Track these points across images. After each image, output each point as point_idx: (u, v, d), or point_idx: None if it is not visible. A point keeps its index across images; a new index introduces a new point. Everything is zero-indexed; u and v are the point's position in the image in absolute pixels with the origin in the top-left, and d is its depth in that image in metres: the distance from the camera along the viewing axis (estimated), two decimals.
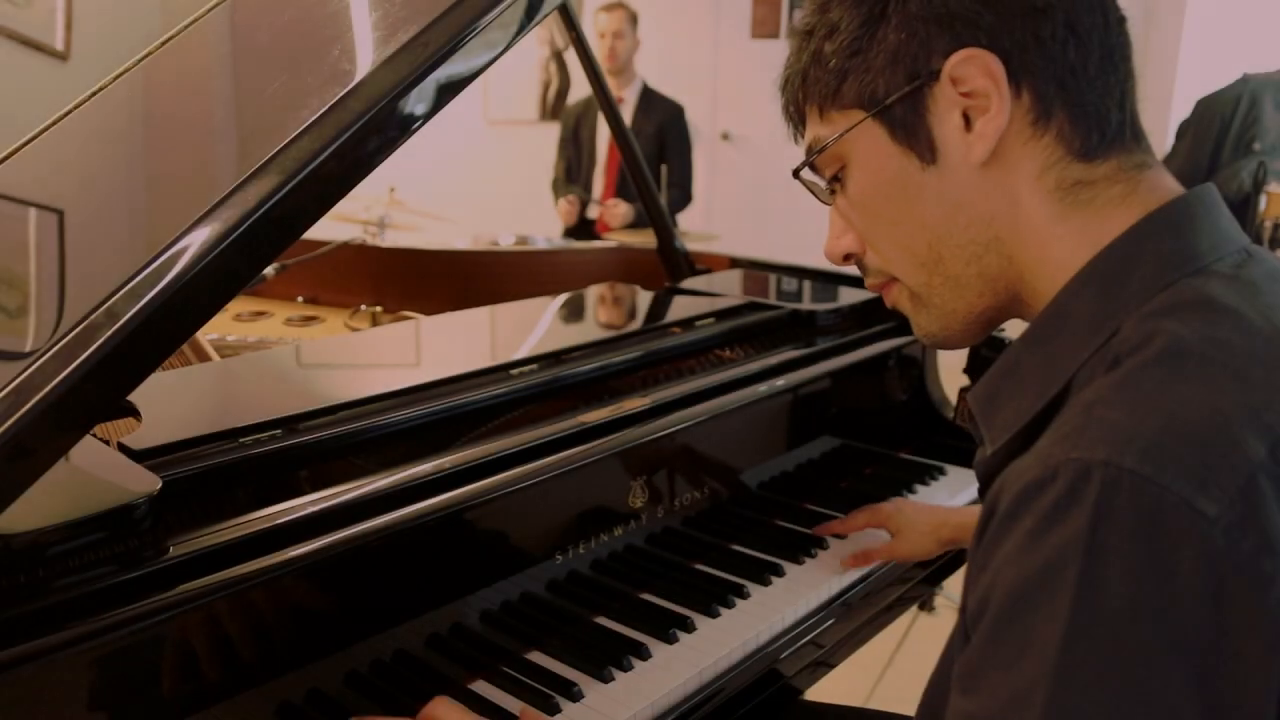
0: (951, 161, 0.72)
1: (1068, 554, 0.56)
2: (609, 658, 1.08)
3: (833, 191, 0.80)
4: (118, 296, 0.70)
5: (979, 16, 0.69)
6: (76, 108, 1.00)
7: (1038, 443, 0.63)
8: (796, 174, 0.82)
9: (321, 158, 0.76)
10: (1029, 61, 0.68)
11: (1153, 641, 0.54)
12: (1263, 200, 4.16)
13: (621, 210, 3.83)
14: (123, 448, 0.94)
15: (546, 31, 5.50)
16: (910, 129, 0.72)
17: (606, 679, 1.05)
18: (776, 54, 0.83)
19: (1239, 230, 0.70)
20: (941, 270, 0.75)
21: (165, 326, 0.72)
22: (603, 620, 1.17)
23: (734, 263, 2.00)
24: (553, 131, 4.31)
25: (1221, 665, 0.54)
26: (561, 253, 2.35)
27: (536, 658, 1.09)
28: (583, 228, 3.98)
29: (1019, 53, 0.68)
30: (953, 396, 1.68)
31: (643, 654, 1.10)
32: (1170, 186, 0.71)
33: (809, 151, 0.79)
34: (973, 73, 0.69)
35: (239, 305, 2.05)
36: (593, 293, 1.77)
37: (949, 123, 0.71)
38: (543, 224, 4.12)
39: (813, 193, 0.83)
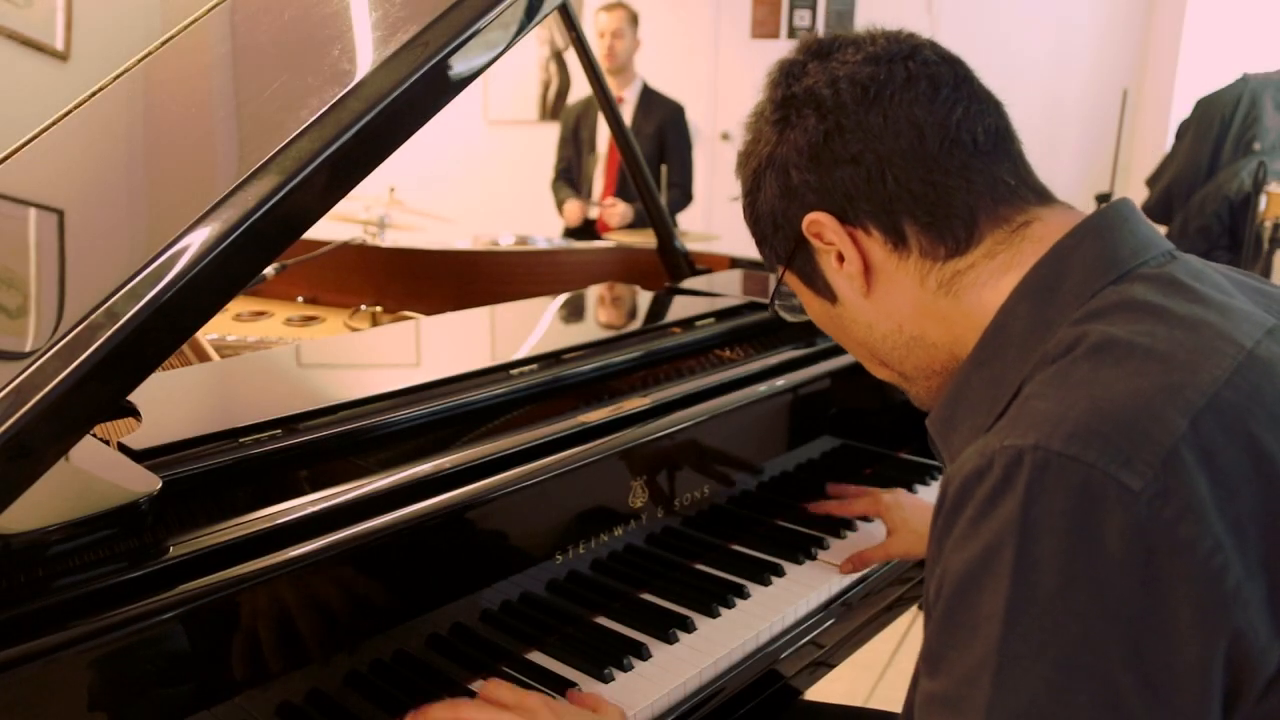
0: (847, 297, 0.83)
1: (1004, 536, 0.60)
2: (609, 658, 1.08)
3: None
4: (118, 296, 0.70)
5: (808, 183, 0.79)
6: (76, 108, 1.00)
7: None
8: (772, 309, 0.96)
9: (321, 158, 0.76)
10: (859, 205, 0.77)
11: (1086, 614, 0.57)
12: (1263, 200, 4.16)
13: (620, 210, 3.82)
14: (123, 448, 0.94)
15: (546, 31, 5.50)
16: (811, 278, 0.85)
17: (606, 679, 1.05)
18: (776, 54, 0.85)
19: (1160, 236, 0.75)
20: (891, 368, 0.86)
21: (165, 326, 0.72)
22: (603, 620, 1.17)
23: (734, 263, 2.00)
24: (553, 131, 4.31)
25: (1155, 634, 0.57)
26: (561, 253, 2.35)
27: (536, 658, 1.09)
28: (583, 228, 3.98)
29: (848, 202, 0.77)
30: None
31: (643, 654, 1.10)
32: (1062, 222, 0.75)
33: (775, 291, 0.93)
34: (819, 229, 0.79)
35: (239, 305, 2.05)
36: (593, 293, 1.77)
37: (830, 268, 0.82)
38: (543, 224, 4.11)
39: (795, 314, 0.95)
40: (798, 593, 1.24)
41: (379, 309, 2.01)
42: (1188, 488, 0.57)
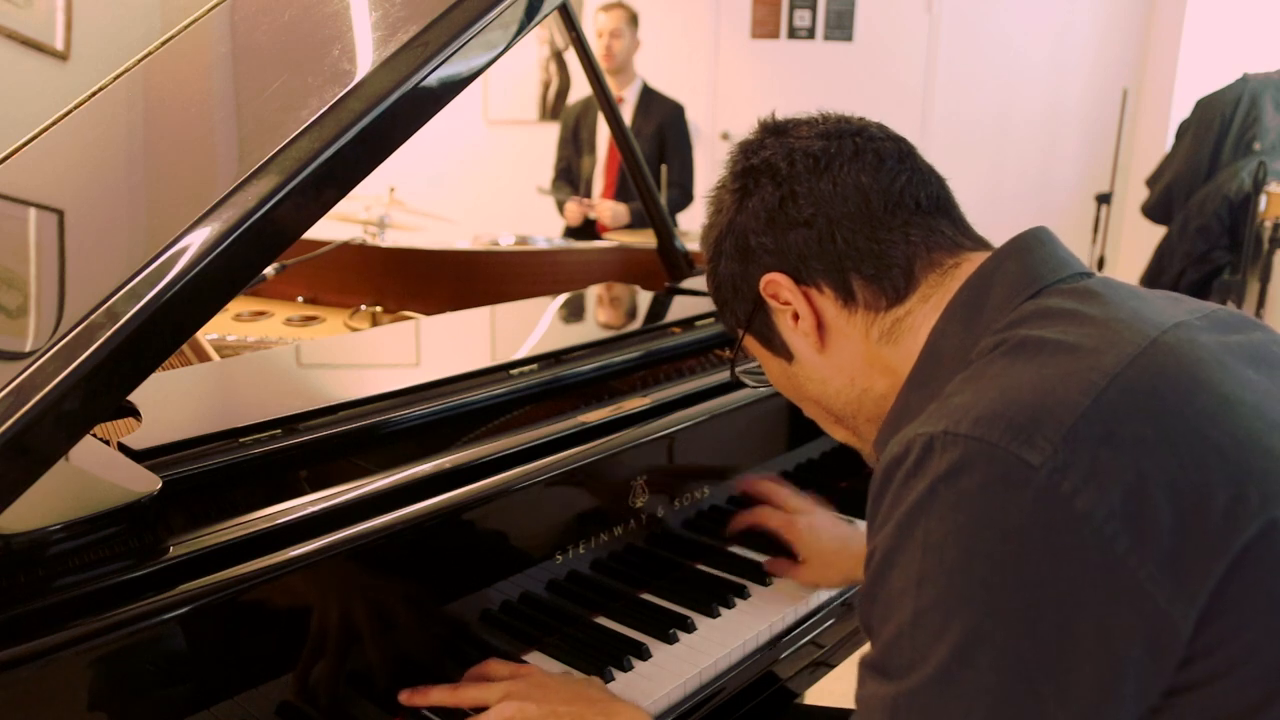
0: (803, 355, 0.88)
1: (915, 515, 0.64)
2: (609, 658, 1.08)
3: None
4: (118, 296, 0.70)
5: (763, 246, 0.85)
6: (76, 108, 1.00)
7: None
8: (734, 377, 1.04)
9: (322, 158, 0.76)
10: (812, 265, 0.83)
11: (988, 584, 0.61)
12: (1263, 200, 4.16)
13: (612, 209, 3.82)
14: (123, 448, 0.94)
15: (546, 31, 5.50)
16: (769, 338, 0.90)
17: (607, 679, 1.05)
18: (776, 54, 0.87)
19: (1077, 259, 0.81)
20: (846, 425, 0.91)
21: (165, 326, 0.72)
22: (603, 620, 1.17)
23: None
24: (553, 131, 4.30)
25: (1055, 604, 0.60)
26: (561, 253, 2.34)
27: (536, 658, 1.09)
28: (584, 228, 3.98)
29: (802, 262, 0.83)
30: None
31: (643, 654, 1.10)
32: (982, 258, 0.81)
33: (735, 357, 1.00)
34: (775, 290, 0.85)
35: (239, 305, 2.05)
36: (593, 293, 1.77)
37: (786, 327, 0.87)
38: (543, 224, 4.11)
39: (756, 380, 0.99)
40: (798, 593, 1.24)
41: (379, 309, 2.01)
42: (1087, 460, 0.60)
